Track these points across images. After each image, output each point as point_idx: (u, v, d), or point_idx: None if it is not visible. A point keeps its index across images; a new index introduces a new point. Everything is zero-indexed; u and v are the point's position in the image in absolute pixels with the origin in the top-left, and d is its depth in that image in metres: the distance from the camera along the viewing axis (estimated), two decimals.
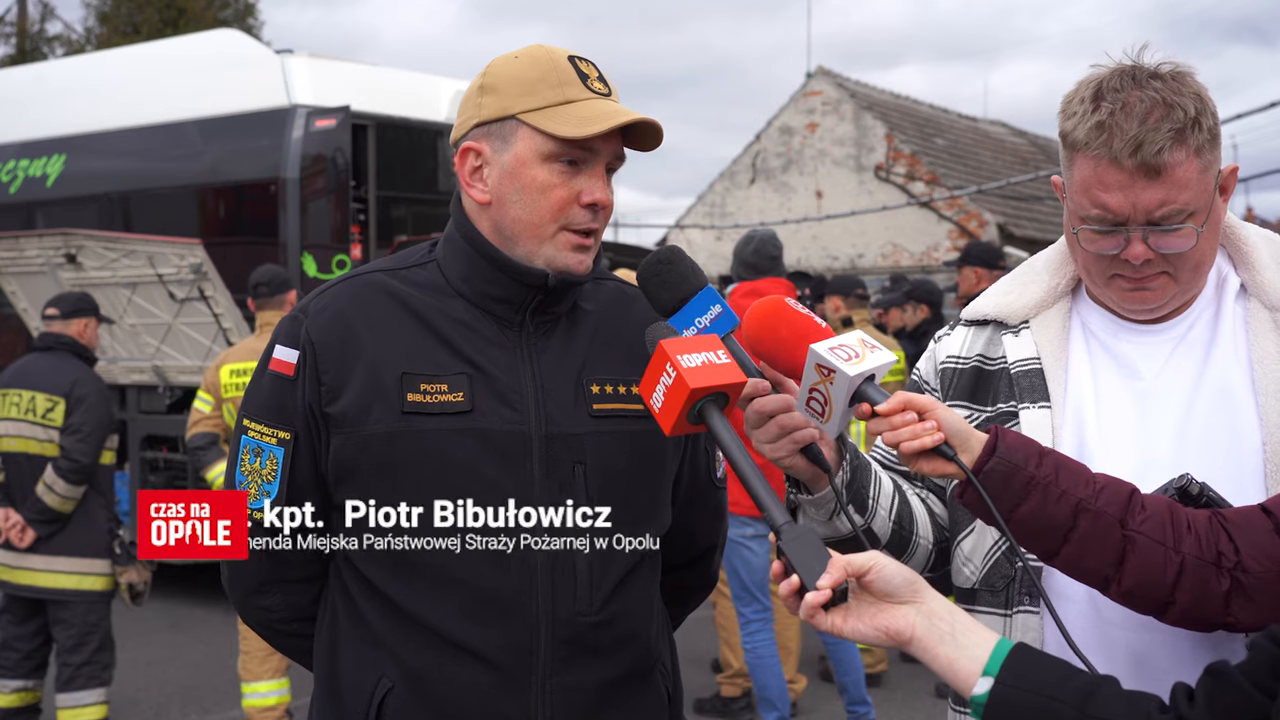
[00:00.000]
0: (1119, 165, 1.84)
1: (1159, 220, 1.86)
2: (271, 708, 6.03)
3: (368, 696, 1.98)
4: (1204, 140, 1.85)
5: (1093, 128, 1.86)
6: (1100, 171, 1.87)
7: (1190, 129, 1.84)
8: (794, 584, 1.57)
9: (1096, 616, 1.88)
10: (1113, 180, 1.86)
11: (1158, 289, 1.94)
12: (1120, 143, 1.83)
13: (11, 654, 5.98)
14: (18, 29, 30.61)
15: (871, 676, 7.46)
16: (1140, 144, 1.82)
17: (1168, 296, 1.95)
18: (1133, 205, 1.86)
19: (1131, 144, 1.83)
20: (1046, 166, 23.38)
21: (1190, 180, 1.85)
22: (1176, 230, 1.87)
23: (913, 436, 1.76)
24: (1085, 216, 1.91)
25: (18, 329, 10.52)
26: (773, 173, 23.31)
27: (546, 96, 1.96)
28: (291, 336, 2.03)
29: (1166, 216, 1.86)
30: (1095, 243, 1.92)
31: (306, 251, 9.53)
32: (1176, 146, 1.83)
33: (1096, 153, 1.86)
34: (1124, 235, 1.89)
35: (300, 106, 9.63)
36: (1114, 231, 1.89)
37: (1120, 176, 1.85)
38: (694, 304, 1.95)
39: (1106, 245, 1.91)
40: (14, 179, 11.36)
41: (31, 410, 5.93)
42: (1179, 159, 1.84)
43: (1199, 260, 1.93)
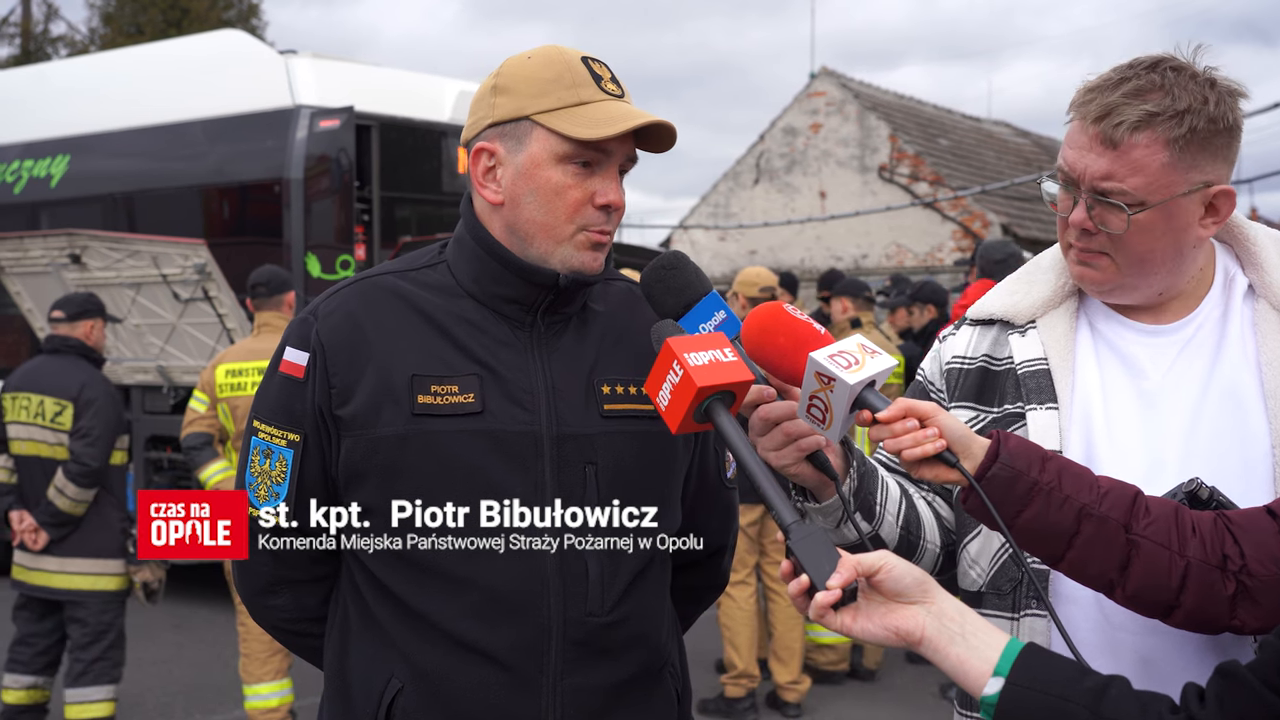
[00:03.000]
0: (1085, 128, 1.89)
1: (1102, 192, 1.88)
2: (274, 709, 6.03)
3: (377, 696, 1.98)
4: (1181, 137, 1.84)
5: (1087, 89, 1.91)
6: (1073, 130, 1.92)
7: (1168, 119, 1.83)
8: (803, 583, 1.57)
9: (1104, 620, 1.88)
10: (1077, 140, 1.91)
11: (1100, 270, 1.96)
12: (1095, 107, 1.88)
13: (26, 649, 6.00)
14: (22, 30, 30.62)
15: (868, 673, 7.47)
16: (1108, 112, 1.86)
17: (1110, 282, 1.97)
18: (1084, 169, 1.89)
19: (1101, 109, 1.87)
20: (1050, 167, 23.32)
21: (1147, 167, 1.85)
22: (1118, 210, 1.88)
23: (914, 444, 1.75)
24: (1056, 169, 1.96)
25: (22, 329, 10.52)
26: (776, 173, 23.29)
27: (561, 98, 1.97)
28: (302, 339, 2.04)
29: (1108, 191, 1.88)
30: (1056, 200, 1.97)
31: (311, 252, 9.53)
32: (1142, 128, 1.84)
33: (1080, 112, 1.90)
34: (1073, 199, 1.93)
35: (304, 107, 9.62)
36: (1068, 192, 1.94)
37: (1083, 139, 1.90)
38: (698, 309, 1.95)
39: (1063, 206, 1.96)
40: (18, 179, 11.36)
41: (41, 414, 5.94)
42: (1138, 141, 1.84)
43: (1144, 255, 1.92)
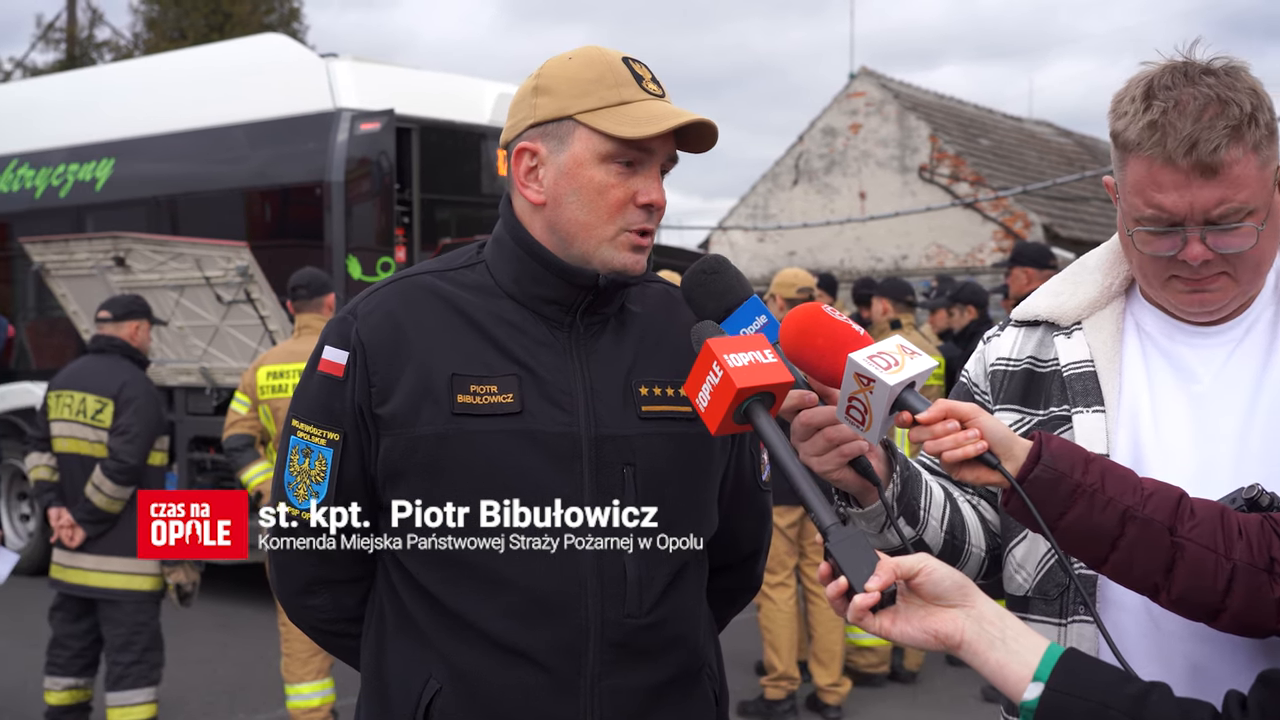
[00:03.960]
0: (1174, 165, 1.80)
1: (1217, 220, 1.82)
2: (315, 709, 6.06)
3: (415, 697, 1.98)
4: (1261, 136, 1.81)
5: (1145, 127, 1.82)
6: (1154, 172, 1.83)
7: (1246, 125, 1.79)
8: (842, 586, 1.56)
9: (1153, 626, 1.85)
10: (1168, 180, 1.82)
11: (1217, 290, 1.89)
12: (1174, 142, 1.79)
13: (63, 652, 6.06)
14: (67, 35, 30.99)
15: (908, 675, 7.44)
16: (1195, 142, 1.78)
17: (1228, 298, 1.91)
18: (1189, 205, 1.82)
19: (1186, 143, 1.79)
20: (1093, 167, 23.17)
21: (1248, 178, 1.80)
22: (1235, 229, 1.83)
23: (955, 445, 1.72)
24: (1140, 218, 1.87)
25: (68, 331, 10.64)
26: (816, 174, 23.22)
27: (603, 97, 1.97)
28: (341, 338, 2.04)
29: (1225, 215, 1.81)
30: (1151, 244, 1.88)
31: (351, 254, 9.58)
32: (1233, 144, 1.79)
33: (1150, 153, 1.82)
34: (1181, 236, 1.85)
35: (345, 110, 9.67)
36: (1170, 232, 1.85)
37: (1175, 176, 1.81)
38: (739, 314, 1.94)
39: (1163, 246, 1.87)
40: (64, 183, 11.49)
41: (82, 411, 6.01)
42: (1235, 156, 1.79)
43: (1260, 259, 1.88)
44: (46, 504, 6.07)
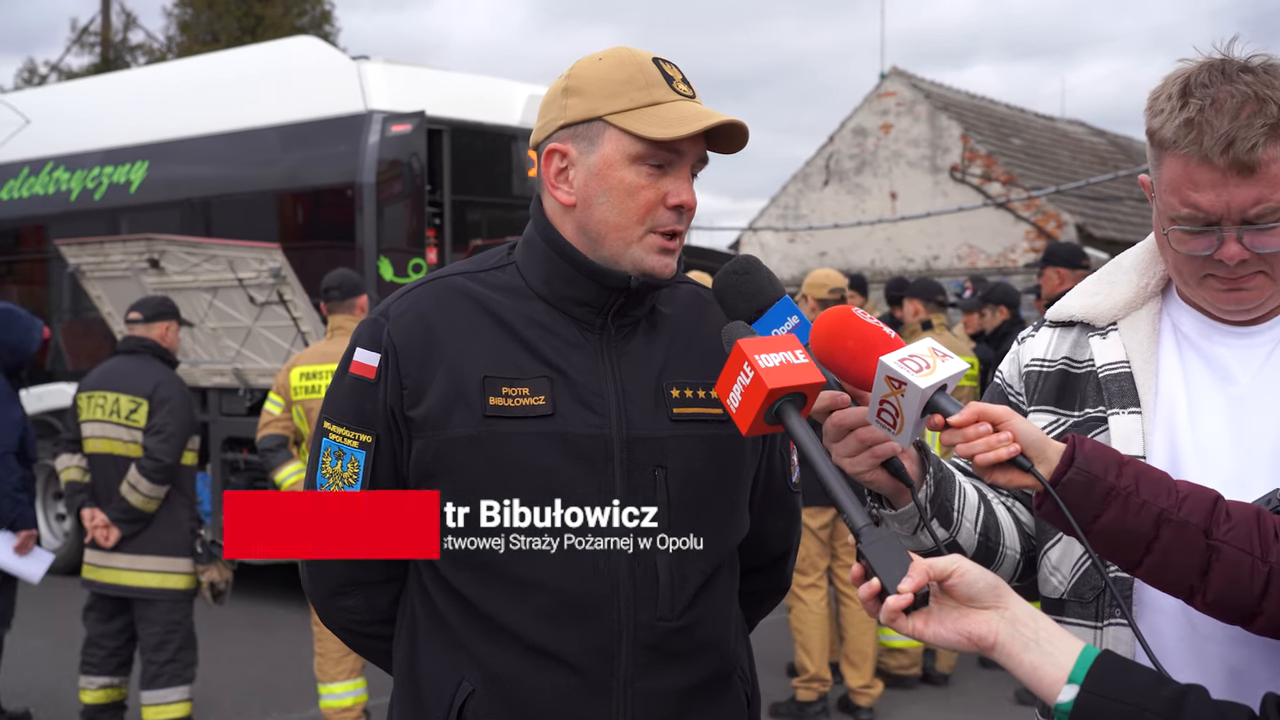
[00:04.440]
0: (1210, 163, 1.79)
1: (1254, 219, 1.80)
2: (348, 708, 6.09)
3: (449, 699, 1.98)
4: None
5: (1181, 125, 1.81)
6: (1191, 170, 1.81)
7: None
8: (874, 587, 1.55)
9: (1190, 629, 1.84)
10: (1204, 179, 1.80)
11: (1254, 289, 1.88)
12: (1211, 140, 1.78)
13: (98, 651, 6.11)
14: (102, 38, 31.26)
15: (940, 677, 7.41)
16: (1232, 141, 1.76)
17: (1264, 296, 1.89)
18: (1226, 204, 1.80)
19: (1223, 141, 1.77)
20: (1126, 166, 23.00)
21: None
22: (1273, 229, 1.81)
23: (987, 448, 1.71)
24: (1176, 217, 1.86)
25: (103, 332, 10.72)
26: (846, 174, 23.15)
27: (634, 98, 1.96)
28: (373, 339, 2.04)
29: (1262, 215, 1.80)
30: (1187, 243, 1.87)
31: (383, 255, 9.61)
32: (1271, 142, 1.77)
33: (1186, 151, 1.80)
34: (1217, 235, 1.83)
35: (376, 112, 9.71)
36: (1207, 231, 1.84)
37: (1212, 175, 1.79)
38: (771, 314, 1.93)
39: (1199, 245, 1.86)
40: (99, 185, 11.58)
41: (116, 412, 6.05)
42: (1273, 155, 1.77)
43: None
44: (79, 505, 6.11)
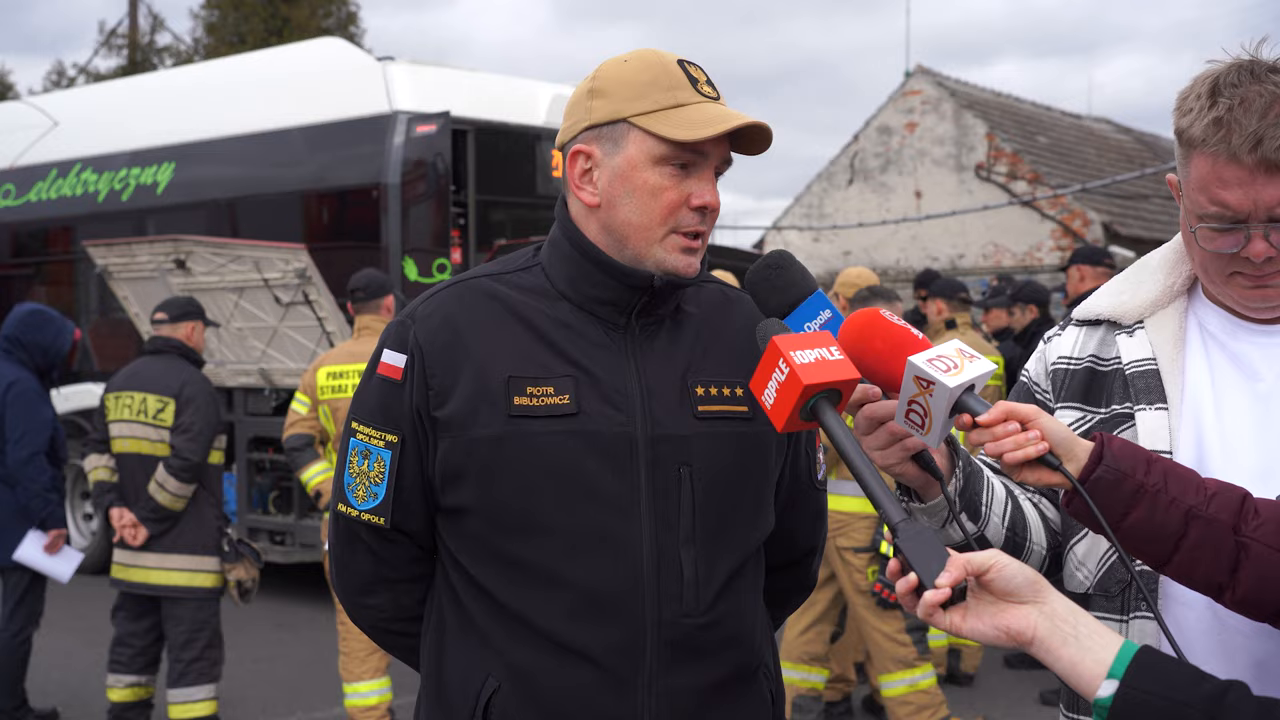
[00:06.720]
0: (1238, 162, 1.80)
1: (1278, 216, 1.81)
2: (373, 707, 6.11)
3: (474, 696, 1.99)
4: None
5: (1210, 124, 1.82)
6: (1219, 168, 1.82)
7: None
8: (911, 582, 1.55)
9: (1217, 623, 1.84)
10: (1232, 177, 1.81)
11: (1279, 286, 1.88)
12: (1239, 139, 1.78)
13: (126, 650, 6.15)
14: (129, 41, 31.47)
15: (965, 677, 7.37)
16: (1260, 139, 1.77)
17: None
18: (1254, 202, 1.81)
19: (1251, 139, 1.78)
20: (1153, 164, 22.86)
21: None
22: None
23: (1016, 447, 1.72)
24: (1203, 214, 1.86)
25: (130, 333, 10.79)
26: (871, 173, 23.09)
27: (658, 100, 1.97)
28: (400, 341, 2.06)
29: None
30: (1214, 241, 1.87)
31: (408, 255, 9.64)
32: None
33: (1215, 149, 1.81)
34: (1244, 233, 1.84)
35: (401, 113, 9.74)
36: (1234, 229, 1.85)
37: (1240, 173, 1.80)
38: (804, 308, 1.93)
39: (1226, 243, 1.86)
40: (126, 187, 11.65)
41: (143, 411, 6.09)
42: None
43: None
44: (107, 504, 6.15)
